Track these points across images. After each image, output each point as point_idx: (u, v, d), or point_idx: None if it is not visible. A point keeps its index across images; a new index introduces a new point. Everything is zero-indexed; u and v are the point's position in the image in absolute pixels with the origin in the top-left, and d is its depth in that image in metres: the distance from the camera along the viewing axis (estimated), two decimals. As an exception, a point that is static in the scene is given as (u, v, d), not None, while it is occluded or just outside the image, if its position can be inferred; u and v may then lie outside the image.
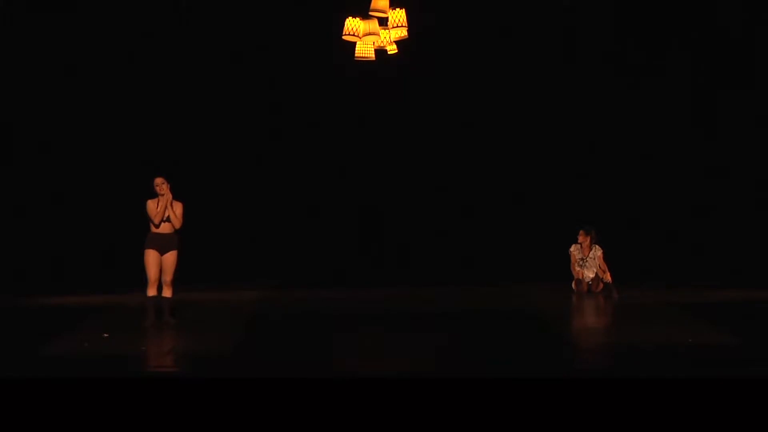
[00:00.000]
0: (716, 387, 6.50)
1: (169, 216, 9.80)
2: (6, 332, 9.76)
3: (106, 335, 9.27)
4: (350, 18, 10.71)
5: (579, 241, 12.89)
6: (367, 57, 11.03)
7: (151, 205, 9.82)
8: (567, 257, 13.21)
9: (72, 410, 6.37)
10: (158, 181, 9.84)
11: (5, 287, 13.22)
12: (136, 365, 7.90)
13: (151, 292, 9.83)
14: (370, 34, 10.73)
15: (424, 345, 8.94)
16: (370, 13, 10.44)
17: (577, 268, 12.80)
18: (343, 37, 10.84)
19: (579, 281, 12.76)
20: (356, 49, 11.00)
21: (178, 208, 9.90)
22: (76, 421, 6.30)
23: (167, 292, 9.92)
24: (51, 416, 6.32)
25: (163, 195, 9.79)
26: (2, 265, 14.04)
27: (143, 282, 9.91)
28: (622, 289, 12.41)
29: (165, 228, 9.81)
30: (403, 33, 10.74)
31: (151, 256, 9.80)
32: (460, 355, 8.35)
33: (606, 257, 12.67)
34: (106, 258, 14.21)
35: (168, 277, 9.86)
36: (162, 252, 9.80)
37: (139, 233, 9.94)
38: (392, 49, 11.12)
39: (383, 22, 10.71)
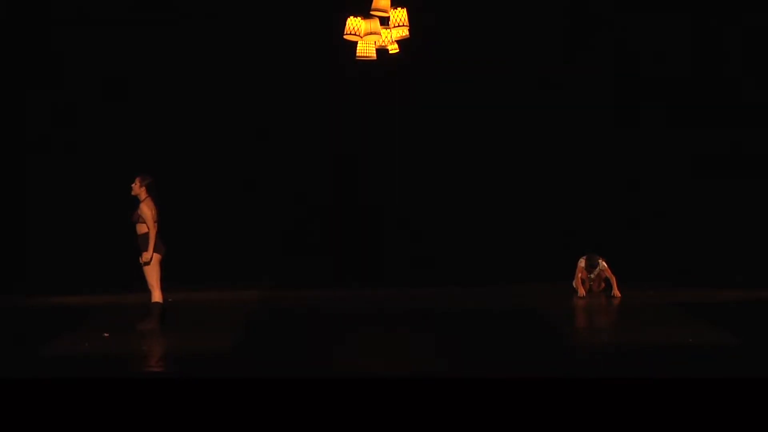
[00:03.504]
0: (716, 387, 6.50)
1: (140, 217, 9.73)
2: (6, 332, 9.77)
3: (106, 335, 9.28)
4: (351, 17, 10.70)
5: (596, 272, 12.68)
6: (368, 56, 11.01)
7: None
8: (567, 255, 13.20)
9: (72, 410, 6.37)
10: None
11: (5, 287, 13.21)
12: (136, 365, 7.91)
13: None
14: (371, 33, 10.72)
15: (424, 345, 8.95)
16: (372, 12, 10.43)
17: (581, 279, 12.71)
18: (345, 37, 10.82)
19: (583, 281, 12.71)
20: (357, 48, 10.99)
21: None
22: (76, 421, 6.30)
23: (151, 296, 9.79)
24: (51, 416, 6.32)
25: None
26: (2, 265, 14.02)
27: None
28: (624, 289, 12.40)
29: (138, 229, 9.74)
30: (404, 32, 10.73)
31: None
32: (461, 355, 8.35)
33: (609, 266, 12.61)
34: (106, 258, 14.19)
35: (147, 278, 9.75)
36: (139, 253, 9.76)
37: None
38: (394, 49, 11.10)
39: (384, 21, 10.70)
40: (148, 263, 9.64)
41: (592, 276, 12.72)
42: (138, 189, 9.76)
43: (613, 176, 14.98)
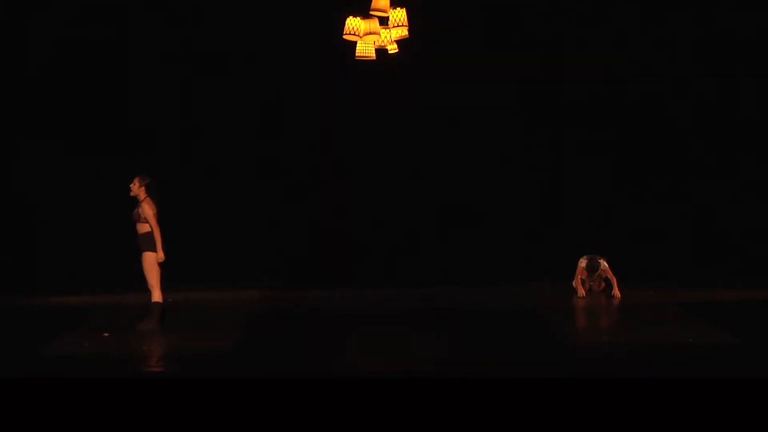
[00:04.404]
0: (716, 387, 6.50)
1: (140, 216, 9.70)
2: (6, 332, 9.76)
3: (106, 335, 9.28)
4: (351, 17, 10.70)
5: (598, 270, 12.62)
6: (367, 56, 11.01)
7: None
8: (567, 255, 13.20)
9: (72, 410, 6.37)
10: None
11: (5, 287, 13.21)
12: (136, 365, 7.91)
13: None
14: (370, 33, 10.73)
15: (424, 345, 8.95)
16: (371, 12, 10.44)
17: (581, 279, 12.66)
18: (344, 37, 10.83)
19: (583, 281, 12.68)
20: (357, 48, 10.99)
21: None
22: (76, 421, 6.30)
23: (151, 296, 9.75)
24: (51, 416, 6.32)
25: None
26: (3, 265, 14.01)
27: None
28: (624, 289, 12.39)
29: (138, 228, 9.72)
30: (403, 32, 10.73)
31: None
32: (460, 355, 8.35)
33: (610, 266, 12.57)
34: (106, 258, 14.20)
35: (147, 278, 9.71)
36: (140, 253, 9.73)
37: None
38: (393, 49, 11.11)
39: (384, 21, 10.71)
40: (163, 261, 9.63)
41: (593, 277, 12.71)
42: (137, 189, 9.73)
43: (613, 176, 14.98)
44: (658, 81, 14.77)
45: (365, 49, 10.92)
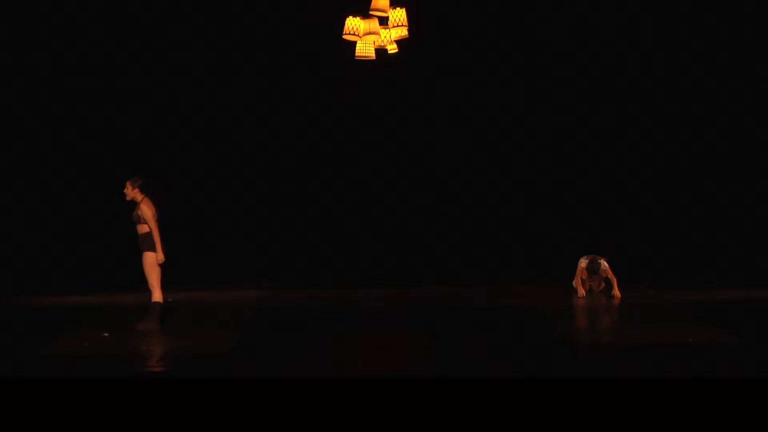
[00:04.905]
0: (716, 387, 6.50)
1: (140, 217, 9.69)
2: (6, 332, 9.76)
3: (106, 335, 9.28)
4: (351, 17, 10.70)
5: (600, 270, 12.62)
6: (367, 56, 11.02)
7: None
8: (567, 255, 13.20)
9: (72, 410, 6.37)
10: None
11: (5, 287, 13.21)
12: (136, 365, 7.91)
13: None
14: (370, 33, 10.73)
15: (424, 345, 8.96)
16: (371, 12, 10.44)
17: (581, 279, 12.63)
18: (344, 37, 10.83)
19: (583, 281, 12.67)
20: (356, 48, 10.99)
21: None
22: (76, 421, 6.30)
23: (151, 296, 9.74)
24: (51, 416, 6.33)
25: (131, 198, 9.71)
26: (2, 264, 14.01)
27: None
28: (624, 289, 12.39)
29: (138, 229, 9.71)
30: (403, 32, 10.74)
31: None
32: (460, 355, 8.35)
33: (611, 266, 12.55)
34: (106, 258, 14.20)
35: (147, 278, 9.70)
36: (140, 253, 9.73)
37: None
38: (393, 49, 11.12)
39: (384, 21, 10.71)
40: (164, 262, 9.63)
41: (593, 277, 12.70)
42: (131, 192, 9.70)
43: (613, 175, 14.97)
44: (661, 80, 14.77)
45: (365, 48, 10.93)
